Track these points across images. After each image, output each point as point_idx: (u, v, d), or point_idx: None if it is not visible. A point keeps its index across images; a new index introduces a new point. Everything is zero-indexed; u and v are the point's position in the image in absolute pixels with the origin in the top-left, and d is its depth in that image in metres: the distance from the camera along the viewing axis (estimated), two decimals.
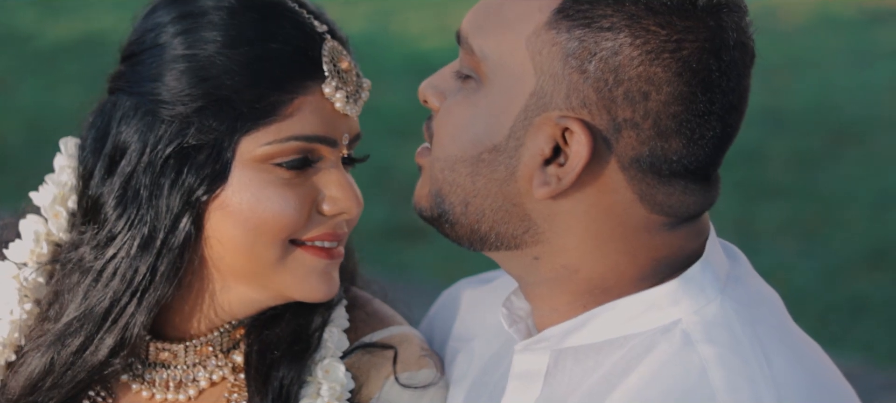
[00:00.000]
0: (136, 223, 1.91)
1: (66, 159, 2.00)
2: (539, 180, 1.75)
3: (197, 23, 1.91)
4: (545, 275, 1.81)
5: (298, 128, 1.90)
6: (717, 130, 1.75)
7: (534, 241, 1.80)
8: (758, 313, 1.79)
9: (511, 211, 1.79)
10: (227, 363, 2.01)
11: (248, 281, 1.95)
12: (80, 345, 1.93)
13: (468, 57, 1.80)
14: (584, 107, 1.72)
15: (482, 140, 1.78)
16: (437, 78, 1.86)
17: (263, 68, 1.89)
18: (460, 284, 2.24)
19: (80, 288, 1.94)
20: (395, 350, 2.02)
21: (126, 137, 1.92)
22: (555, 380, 1.83)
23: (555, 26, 1.73)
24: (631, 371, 1.75)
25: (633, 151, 1.73)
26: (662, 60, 1.70)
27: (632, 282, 1.79)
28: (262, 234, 1.91)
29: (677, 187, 1.76)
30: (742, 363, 1.71)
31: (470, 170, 1.79)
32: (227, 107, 1.88)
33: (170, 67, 1.91)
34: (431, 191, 1.84)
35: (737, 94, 1.76)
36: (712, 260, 1.80)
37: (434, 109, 1.86)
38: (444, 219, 1.84)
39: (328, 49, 1.92)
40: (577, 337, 1.81)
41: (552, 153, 1.75)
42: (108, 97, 1.98)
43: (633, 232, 1.77)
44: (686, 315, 1.76)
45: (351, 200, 1.95)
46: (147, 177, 1.90)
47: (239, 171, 1.90)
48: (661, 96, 1.71)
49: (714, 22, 1.72)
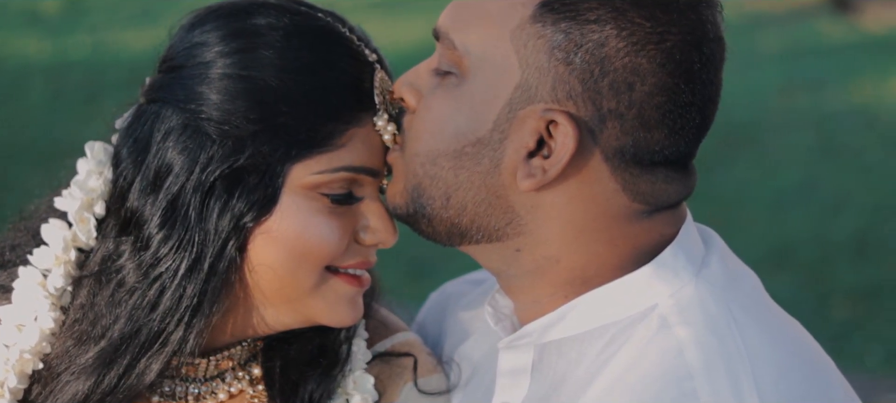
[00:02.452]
0: (183, 244, 1.86)
1: (93, 164, 1.93)
2: (524, 172, 1.76)
3: (252, 43, 1.87)
4: (526, 267, 1.82)
5: (349, 159, 1.88)
6: (696, 121, 1.77)
7: (516, 233, 1.80)
8: (732, 293, 1.80)
9: (494, 204, 1.79)
10: (245, 375, 2.00)
11: (281, 304, 1.92)
12: (126, 367, 1.89)
13: (448, 52, 1.80)
14: (570, 99, 1.73)
15: (465, 133, 1.78)
16: (411, 75, 1.86)
17: (321, 97, 1.86)
18: (448, 287, 2.24)
19: (124, 307, 1.88)
20: (414, 357, 2.03)
21: (173, 154, 1.87)
22: (541, 375, 1.84)
23: (540, 19, 1.74)
24: (611, 359, 1.77)
25: (617, 142, 1.75)
26: (647, 51, 1.72)
27: (612, 271, 1.80)
28: (304, 261, 1.88)
29: (659, 176, 1.78)
30: (718, 341, 1.73)
31: (452, 164, 1.79)
32: (283, 133, 1.85)
33: (221, 86, 1.86)
34: (407, 187, 1.84)
35: (714, 87, 1.79)
36: (685, 244, 1.82)
37: (409, 106, 1.85)
38: (420, 215, 1.84)
39: (379, 80, 1.91)
40: (558, 330, 1.82)
41: (536, 145, 1.76)
42: (148, 106, 1.92)
43: (614, 220, 1.78)
44: (662, 299, 1.78)
45: (389, 231, 1.93)
46: (195, 198, 1.86)
47: (287, 198, 1.87)
48: (646, 87, 1.73)
49: (694, 15, 1.75)
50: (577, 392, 1.78)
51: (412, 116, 1.84)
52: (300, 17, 1.90)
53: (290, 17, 1.89)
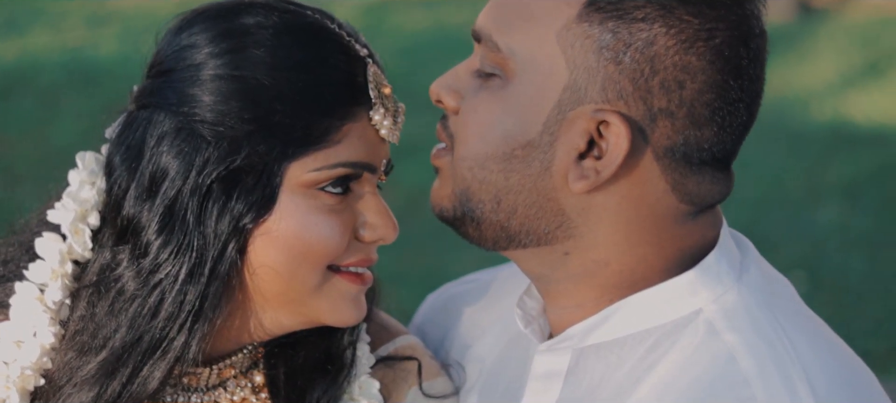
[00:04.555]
0: (183, 249, 1.84)
1: (85, 174, 1.91)
2: (576, 174, 1.75)
3: (242, 42, 1.85)
4: (573, 271, 1.81)
5: (345, 155, 1.87)
6: (743, 117, 1.77)
7: (565, 236, 1.79)
8: (774, 299, 1.81)
9: (545, 207, 1.78)
10: (247, 383, 1.98)
11: (283, 306, 1.90)
12: (129, 376, 1.87)
13: (492, 54, 1.78)
14: (621, 99, 1.73)
15: (514, 136, 1.77)
16: (450, 77, 1.84)
17: (315, 94, 1.85)
18: (446, 290, 2.23)
19: (124, 316, 1.86)
20: (418, 361, 2.03)
21: (167, 158, 1.84)
22: (576, 379, 1.83)
23: (586, 19, 1.73)
24: (657, 364, 1.76)
25: (667, 141, 1.74)
26: (697, 49, 1.72)
27: (657, 274, 1.80)
28: (305, 260, 1.87)
29: (706, 176, 1.78)
30: (768, 348, 1.73)
31: (502, 167, 1.78)
32: (278, 131, 1.84)
33: (213, 87, 1.84)
34: (455, 190, 1.83)
35: (760, 82, 1.79)
36: (726, 249, 1.82)
37: (450, 109, 1.84)
38: (469, 218, 1.83)
39: (372, 74, 1.90)
40: (599, 334, 1.81)
41: (586, 146, 1.75)
42: (139, 112, 1.89)
43: (662, 222, 1.78)
44: (706, 304, 1.78)
45: (389, 227, 1.92)
46: (193, 202, 1.84)
47: (286, 197, 1.85)
48: (696, 84, 1.72)
49: (740, 10, 1.75)
50: (618, 397, 1.78)
51: (456, 119, 1.83)
52: (289, 15, 1.89)
53: (279, 15, 1.88)
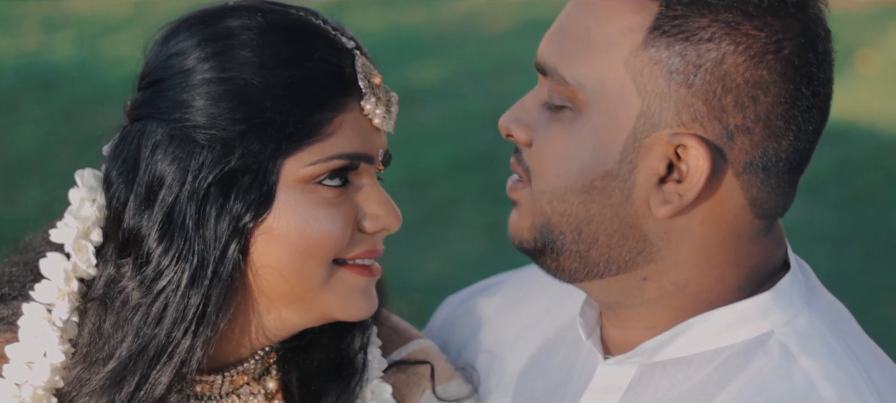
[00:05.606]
0: (184, 254, 1.85)
1: (85, 192, 1.93)
2: (658, 199, 1.75)
3: (227, 45, 1.87)
4: (649, 295, 1.81)
5: (340, 147, 1.88)
6: (817, 122, 1.78)
7: (646, 261, 1.79)
8: (840, 323, 1.83)
9: (626, 234, 1.78)
10: (260, 389, 1.99)
11: (292, 304, 1.91)
12: (137, 384, 1.87)
13: (560, 87, 1.78)
14: (696, 121, 1.72)
15: (592, 167, 1.76)
16: (518, 111, 1.84)
17: (304, 88, 1.86)
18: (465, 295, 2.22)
19: (130, 325, 1.88)
20: (431, 365, 2.03)
21: (162, 166, 1.86)
22: (636, 393, 1.83)
23: (652, 45, 1.72)
24: (728, 383, 1.76)
25: (746, 156, 1.74)
26: (767, 62, 1.71)
27: (731, 293, 1.80)
28: (310, 256, 1.87)
29: (783, 187, 1.78)
30: (847, 376, 1.74)
31: (582, 199, 1.77)
32: (271, 129, 1.85)
33: (203, 91, 1.86)
34: (535, 223, 1.82)
35: (830, 83, 1.79)
36: (796, 272, 1.83)
37: (521, 143, 1.84)
38: (549, 249, 1.82)
39: (360, 65, 1.91)
40: (670, 351, 1.81)
41: (666, 170, 1.75)
42: (132, 125, 1.91)
43: (739, 240, 1.78)
44: (777, 327, 1.78)
45: (392, 216, 1.93)
46: (191, 206, 1.85)
47: (284, 194, 1.87)
48: (769, 98, 1.72)
49: (803, 15, 1.74)
50: None
51: (530, 152, 1.82)
52: (273, 14, 1.91)
53: (263, 15, 1.90)
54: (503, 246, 6.29)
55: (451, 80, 9.11)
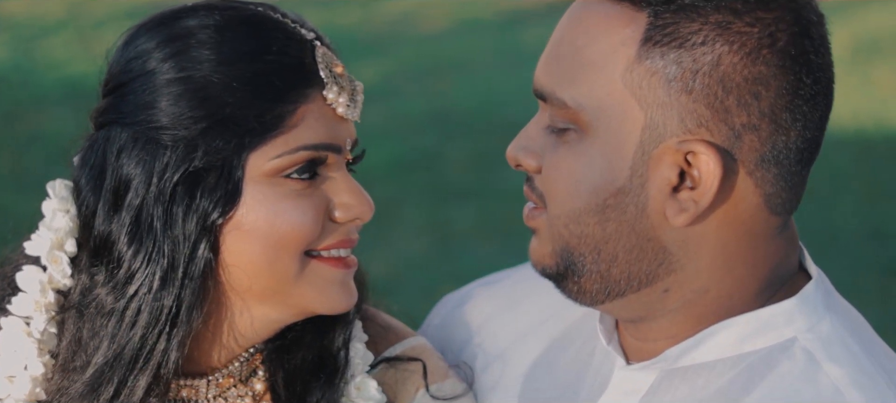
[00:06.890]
0: (154, 256, 1.85)
1: (57, 202, 1.92)
2: (674, 209, 1.74)
3: (186, 44, 1.87)
4: (671, 306, 1.80)
5: (305, 138, 1.87)
6: (822, 107, 1.76)
7: (667, 272, 1.78)
8: (864, 332, 1.83)
9: (645, 247, 1.77)
10: (247, 391, 1.98)
11: (268, 299, 1.91)
12: (115, 391, 1.88)
13: (561, 111, 1.76)
14: (702, 126, 1.71)
15: (603, 186, 1.75)
16: (523, 139, 1.82)
17: (263, 82, 1.86)
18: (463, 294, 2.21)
19: (104, 332, 1.88)
20: (423, 363, 2.03)
21: (128, 170, 1.86)
22: (655, 398, 1.83)
23: (647, 56, 1.71)
24: (752, 389, 1.76)
25: (756, 153, 1.73)
26: (763, 57, 1.70)
27: (752, 296, 1.79)
28: (281, 249, 1.87)
29: (795, 179, 1.77)
30: (872, 383, 1.74)
31: (598, 219, 1.76)
32: (232, 125, 1.85)
33: (165, 92, 1.86)
34: (556, 248, 1.81)
35: (830, 67, 1.78)
36: (817, 277, 1.82)
37: (531, 170, 1.82)
38: (571, 272, 1.81)
39: (321, 55, 1.90)
40: (692, 356, 1.80)
41: (678, 178, 1.74)
42: (98, 132, 1.91)
43: (756, 240, 1.78)
44: (800, 333, 1.78)
45: (364, 205, 1.92)
46: (158, 208, 1.85)
47: (251, 189, 1.86)
48: (771, 92, 1.71)
49: (794, 4, 1.73)
50: None
51: (541, 178, 1.81)
52: (230, 11, 1.91)
53: (220, 12, 1.90)
54: (446, 246, 6.29)
55: (389, 80, 9.10)
